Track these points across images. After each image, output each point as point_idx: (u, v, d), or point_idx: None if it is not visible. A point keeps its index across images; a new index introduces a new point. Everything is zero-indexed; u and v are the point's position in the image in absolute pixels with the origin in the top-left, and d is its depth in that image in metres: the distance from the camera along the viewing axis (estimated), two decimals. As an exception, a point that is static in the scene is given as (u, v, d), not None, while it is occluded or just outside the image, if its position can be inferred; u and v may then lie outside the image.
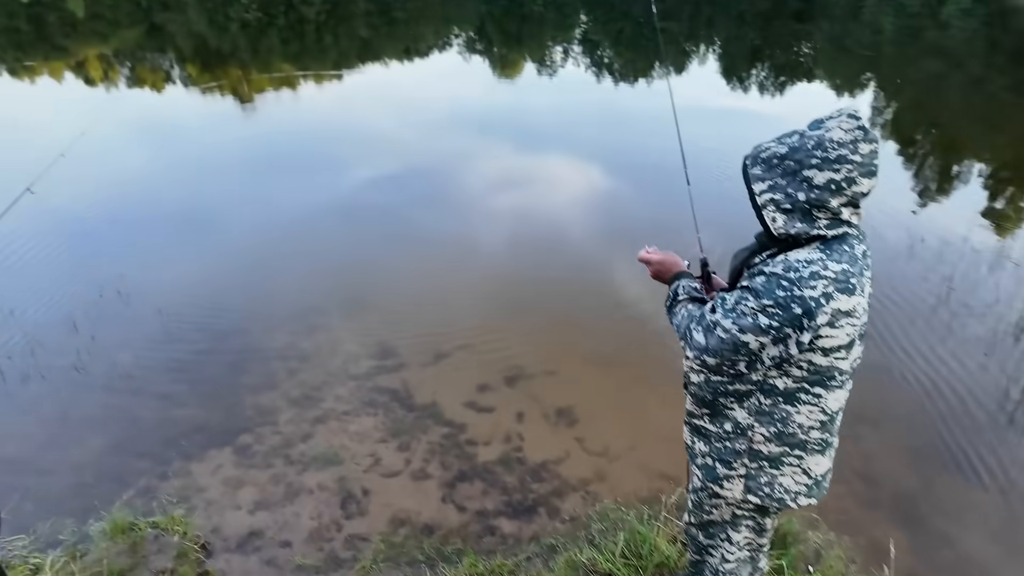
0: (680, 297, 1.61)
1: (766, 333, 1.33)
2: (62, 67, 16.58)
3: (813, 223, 1.34)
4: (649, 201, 6.68)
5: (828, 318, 1.31)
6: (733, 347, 1.38)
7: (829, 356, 1.38)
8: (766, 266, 1.37)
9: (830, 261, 1.32)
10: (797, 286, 1.30)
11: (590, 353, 4.11)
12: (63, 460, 3.16)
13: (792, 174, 1.33)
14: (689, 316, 1.51)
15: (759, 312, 1.33)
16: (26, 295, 4.61)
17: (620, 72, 15.30)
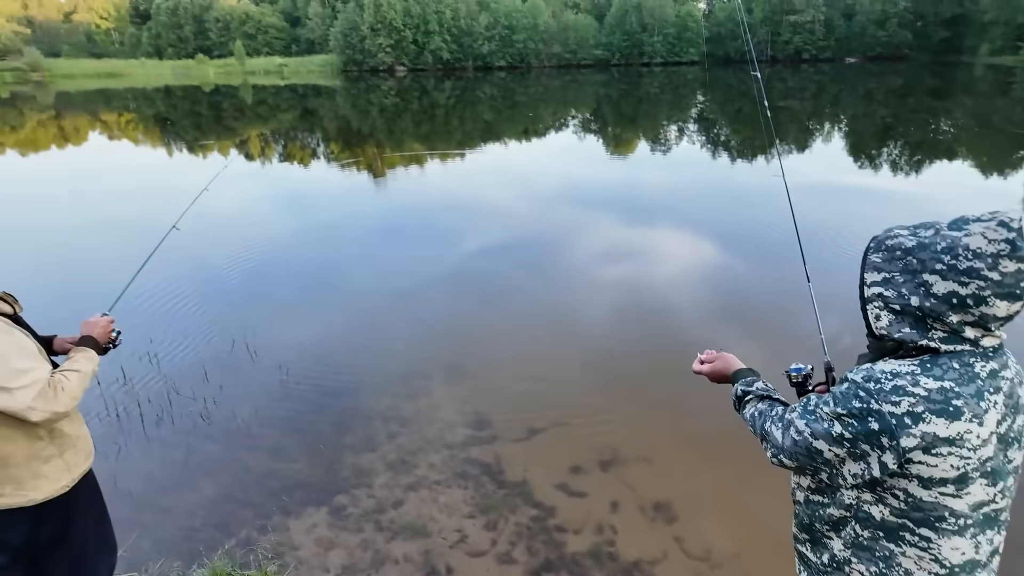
0: (748, 397, 1.54)
1: (839, 443, 1.20)
2: (229, 144, 19.12)
3: (924, 332, 1.16)
4: (761, 281, 6.34)
5: (918, 442, 1.11)
6: (807, 452, 1.26)
7: (931, 490, 1.15)
8: (851, 372, 1.23)
9: (925, 376, 1.13)
10: (875, 399, 1.14)
11: (693, 441, 3.84)
12: (179, 503, 3.39)
13: (912, 273, 1.16)
14: (762, 415, 1.43)
15: (834, 419, 1.20)
16: (171, 340, 5.18)
17: (737, 150, 15.03)
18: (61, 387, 1.81)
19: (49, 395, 1.77)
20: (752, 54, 3.72)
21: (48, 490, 1.94)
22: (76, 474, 2.02)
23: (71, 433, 2.01)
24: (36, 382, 1.75)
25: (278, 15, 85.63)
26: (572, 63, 76.26)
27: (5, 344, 1.74)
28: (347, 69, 69.35)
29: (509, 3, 73.86)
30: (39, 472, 1.91)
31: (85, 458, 2.08)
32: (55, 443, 1.94)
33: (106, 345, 2.19)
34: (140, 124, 26.57)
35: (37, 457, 1.90)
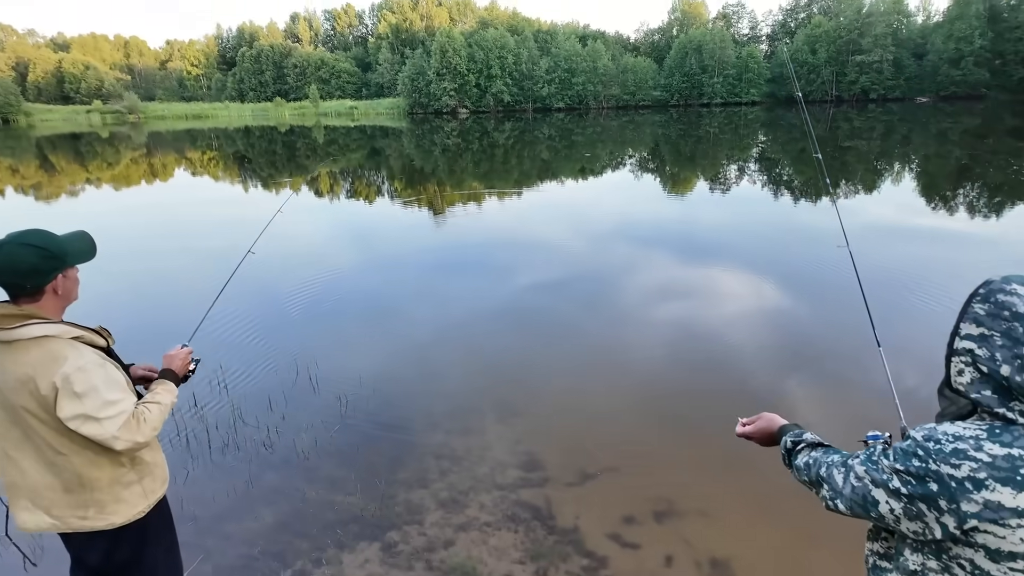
0: (800, 446, 1.53)
1: (897, 497, 1.16)
2: (301, 181, 20.14)
3: (1005, 402, 1.10)
4: (826, 327, 6.09)
5: (981, 509, 1.06)
6: (864, 499, 1.23)
7: (1000, 564, 1.08)
8: (914, 428, 1.19)
9: (991, 442, 1.07)
10: (934, 459, 1.10)
11: (754, 496, 3.68)
12: (240, 529, 3.50)
13: (1013, 341, 1.08)
14: (817, 461, 1.41)
15: (893, 473, 1.17)
16: (240, 368, 5.43)
17: (801, 190, 14.66)
18: (143, 418, 1.93)
19: (132, 426, 1.89)
20: (804, 112, 3.68)
21: (126, 515, 2.05)
22: (152, 500, 2.13)
23: (150, 460, 2.12)
24: (122, 413, 1.87)
25: (351, 61, 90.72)
26: (630, 104, 76.96)
27: (99, 377, 1.85)
28: (412, 111, 72.36)
29: (569, 47, 75.68)
30: (120, 497, 2.02)
31: (161, 484, 2.19)
32: (135, 470, 2.06)
33: (186, 374, 2.32)
34: (221, 161, 28.42)
35: (119, 482, 2.01)
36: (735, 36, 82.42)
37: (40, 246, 1.82)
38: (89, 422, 1.81)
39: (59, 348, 1.83)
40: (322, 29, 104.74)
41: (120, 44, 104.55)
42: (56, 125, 66.79)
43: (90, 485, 1.97)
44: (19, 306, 1.84)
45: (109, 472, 1.99)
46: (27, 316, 1.82)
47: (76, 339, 1.88)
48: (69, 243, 1.93)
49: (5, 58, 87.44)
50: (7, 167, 27.16)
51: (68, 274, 1.93)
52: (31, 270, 1.80)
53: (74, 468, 1.94)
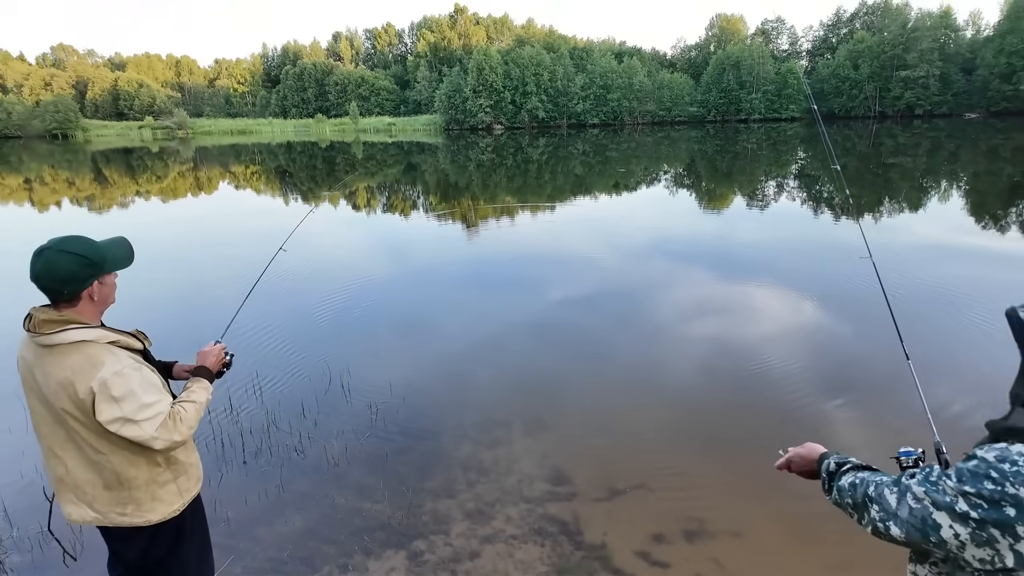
0: (845, 467, 1.45)
1: (964, 522, 1.07)
2: (339, 196, 20.59)
3: None
4: (866, 348, 5.89)
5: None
6: (923, 523, 1.14)
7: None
8: (981, 448, 1.12)
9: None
10: (1011, 482, 1.02)
11: (788, 518, 3.56)
12: (270, 533, 3.55)
13: None
14: (864, 481, 1.33)
15: (959, 495, 1.09)
16: (275, 375, 5.54)
17: (842, 208, 14.29)
18: (180, 418, 1.98)
19: (170, 425, 1.94)
20: (824, 134, 3.60)
21: (163, 512, 2.11)
22: (187, 498, 2.18)
23: (184, 460, 2.17)
24: (160, 414, 1.92)
25: (390, 79, 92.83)
26: (666, 120, 76.57)
27: (136, 380, 1.90)
28: (449, 127, 73.42)
29: (605, 64, 75.90)
30: (156, 495, 2.08)
31: (196, 483, 2.25)
32: (171, 469, 2.11)
33: (220, 370, 2.37)
34: (263, 175, 29.29)
35: (155, 481, 2.07)
36: (774, 52, 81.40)
37: (79, 253, 1.87)
38: (128, 424, 1.87)
39: (96, 352, 1.88)
40: (363, 48, 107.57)
41: (172, 63, 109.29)
42: (110, 140, 69.99)
43: (128, 483, 2.03)
44: (59, 311, 1.90)
45: (146, 471, 2.05)
46: (66, 321, 1.88)
47: (113, 343, 1.93)
48: (108, 250, 1.97)
49: (66, 77, 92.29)
50: (65, 180, 28.54)
51: (105, 280, 1.97)
52: (70, 277, 1.85)
53: (113, 467, 2.00)
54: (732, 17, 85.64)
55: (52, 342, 1.85)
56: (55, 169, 34.72)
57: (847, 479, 1.40)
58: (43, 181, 27.98)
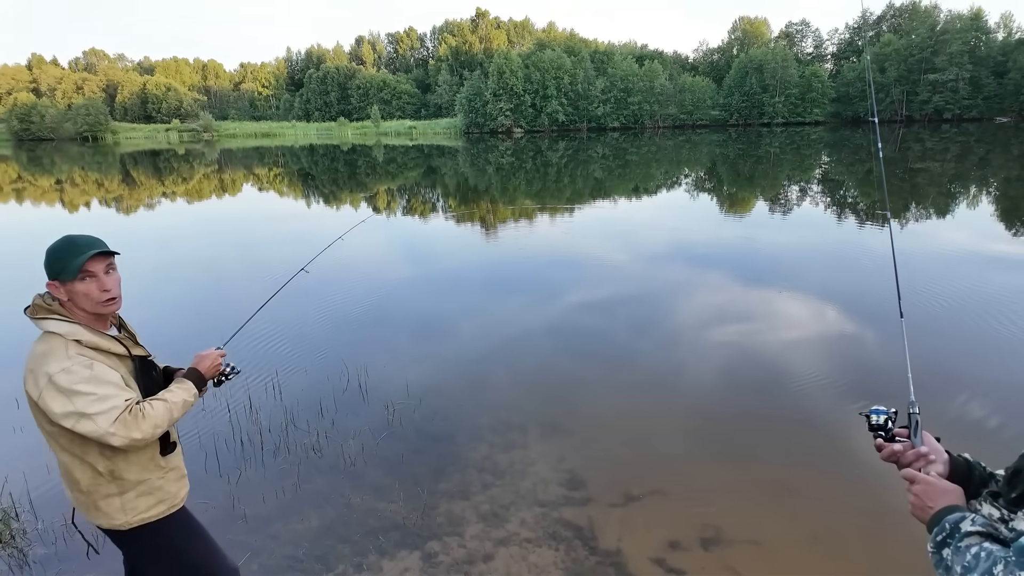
0: (969, 529, 1.19)
1: None
2: (360, 198, 20.78)
3: None
4: (889, 357, 5.77)
5: None
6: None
7: None
8: None
9: None
10: None
11: (810, 528, 3.50)
12: (286, 530, 3.59)
13: None
14: (991, 557, 1.08)
15: None
16: (295, 374, 5.60)
17: (866, 213, 14.05)
18: (143, 414, 1.87)
19: (128, 421, 1.83)
20: (873, 122, 3.53)
21: (107, 523, 2.03)
22: (133, 518, 2.04)
23: (133, 479, 2.02)
24: (115, 408, 1.82)
25: (411, 82, 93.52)
26: (687, 123, 76.01)
27: (82, 375, 1.82)
28: (469, 131, 73.67)
29: (626, 67, 75.63)
30: (98, 505, 2.01)
31: (152, 507, 2.08)
32: (115, 483, 2.00)
33: (218, 378, 2.28)
34: (286, 178, 29.68)
35: (97, 491, 1.99)
36: (798, 55, 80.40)
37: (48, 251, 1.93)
38: (83, 420, 1.80)
39: (55, 346, 1.85)
40: (385, 52, 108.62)
41: (199, 67, 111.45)
42: (138, 142, 71.53)
43: (75, 484, 1.99)
44: (52, 300, 1.93)
45: (89, 478, 1.97)
46: (51, 311, 1.90)
47: (77, 341, 1.87)
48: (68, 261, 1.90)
49: (97, 81, 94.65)
50: (94, 181, 29.22)
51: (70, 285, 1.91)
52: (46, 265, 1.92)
53: (65, 464, 1.98)
54: (755, 20, 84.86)
55: (38, 327, 1.90)
56: (85, 171, 35.57)
57: (962, 554, 1.16)
58: (74, 182, 28.69)
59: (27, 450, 4.31)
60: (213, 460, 4.27)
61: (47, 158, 47.82)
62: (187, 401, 2.03)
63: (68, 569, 3.29)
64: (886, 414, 1.52)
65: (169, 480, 2.13)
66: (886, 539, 3.37)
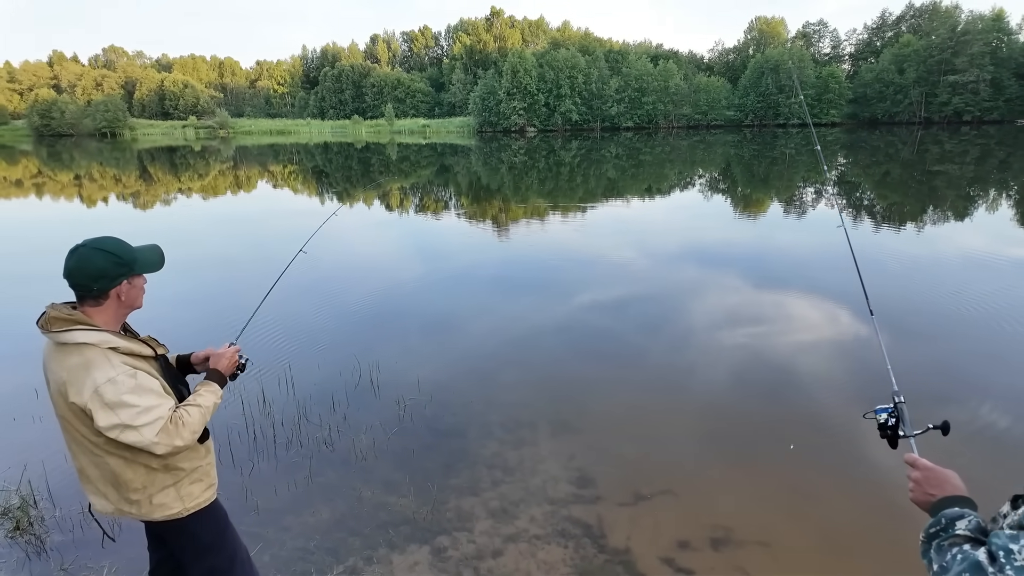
0: (958, 530, 1.18)
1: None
2: (373, 196, 20.88)
3: None
4: (906, 361, 5.71)
5: None
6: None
7: None
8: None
9: None
10: None
11: (821, 531, 3.47)
12: (297, 522, 3.62)
13: None
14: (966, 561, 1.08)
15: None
16: (307, 369, 5.64)
17: (883, 216, 13.90)
18: (182, 422, 1.93)
19: (171, 430, 1.89)
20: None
21: (162, 514, 2.09)
22: (190, 505, 2.13)
23: (187, 467, 2.11)
24: (159, 419, 1.87)
25: (425, 81, 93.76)
26: (702, 124, 75.53)
27: (128, 386, 1.86)
28: (482, 130, 73.70)
29: (641, 67, 75.29)
30: (154, 499, 2.06)
31: (203, 491, 2.18)
32: (171, 474, 2.06)
33: (233, 372, 2.31)
34: (300, 175, 29.89)
35: (152, 485, 2.04)
36: (815, 55, 79.59)
37: (112, 252, 1.91)
38: (128, 431, 1.85)
39: (93, 357, 1.87)
40: (400, 50, 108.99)
41: (215, 64, 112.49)
42: (156, 139, 72.36)
43: (125, 485, 2.02)
44: (71, 310, 1.92)
45: (143, 475, 2.02)
46: (75, 321, 1.89)
47: (114, 349, 1.90)
48: (140, 252, 2.01)
49: (116, 78, 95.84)
50: (112, 176, 29.61)
51: (134, 282, 2.00)
52: (100, 274, 1.89)
53: (110, 468, 2.00)
54: (772, 20, 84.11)
55: (59, 340, 1.88)
56: (103, 166, 36.06)
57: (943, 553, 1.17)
58: (92, 178, 29.09)
59: (45, 439, 4.39)
60: (227, 452, 4.32)
61: (66, 153, 48.53)
62: (216, 403, 2.11)
63: (84, 556, 3.35)
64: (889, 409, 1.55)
65: (212, 464, 2.25)
66: (897, 542, 3.33)
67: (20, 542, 3.49)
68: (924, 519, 1.35)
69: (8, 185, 26.05)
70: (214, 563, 2.26)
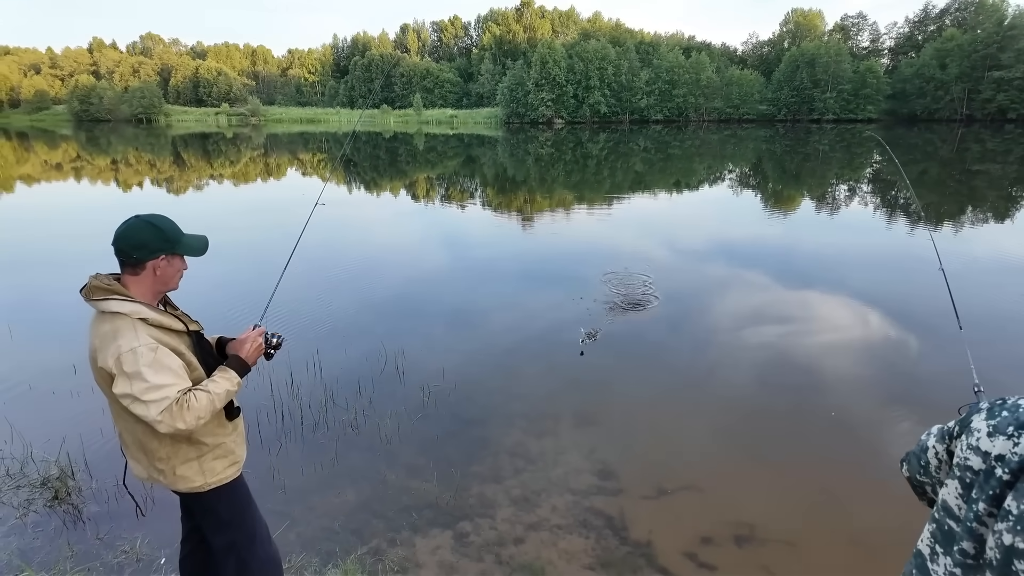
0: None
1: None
2: (400, 185, 21.01)
3: None
4: (934, 366, 5.57)
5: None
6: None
7: None
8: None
9: None
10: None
11: (848, 535, 3.41)
12: (324, 503, 3.69)
13: None
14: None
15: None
16: (335, 354, 5.73)
17: (920, 216, 13.51)
18: (188, 406, 1.91)
19: (175, 411, 1.89)
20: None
21: (185, 486, 2.13)
22: (211, 480, 2.16)
23: (211, 442, 2.14)
24: (167, 398, 1.88)
25: (454, 71, 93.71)
26: (733, 118, 74.20)
27: (147, 360, 1.88)
28: (509, 121, 73.46)
29: (672, 59, 74.15)
30: (177, 470, 2.10)
31: (226, 468, 2.20)
32: (195, 447, 2.10)
33: (266, 352, 2.27)
34: (329, 163, 30.20)
35: (176, 456, 2.08)
36: (853, 49, 77.43)
37: (158, 226, 1.99)
38: (136, 403, 1.89)
39: (121, 326, 1.92)
40: (429, 40, 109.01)
41: (248, 52, 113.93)
42: (189, 125, 73.73)
43: (152, 453, 2.07)
44: (111, 281, 1.98)
45: (167, 446, 2.06)
46: (112, 291, 1.95)
47: (143, 320, 1.94)
48: (184, 235, 2.07)
49: (153, 65, 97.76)
50: (147, 162, 30.28)
51: (172, 261, 2.04)
52: (140, 244, 1.96)
53: (138, 435, 2.06)
54: (809, 12, 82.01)
55: (97, 308, 1.95)
56: (139, 151, 36.89)
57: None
58: (128, 162, 29.80)
59: (83, 413, 4.54)
60: (255, 432, 4.41)
61: (104, 139, 49.75)
62: (229, 391, 2.05)
63: (118, 527, 3.46)
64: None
65: (237, 443, 2.25)
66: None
67: (59, 511, 3.62)
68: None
69: (49, 168, 26.83)
70: (234, 538, 2.29)
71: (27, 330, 6.54)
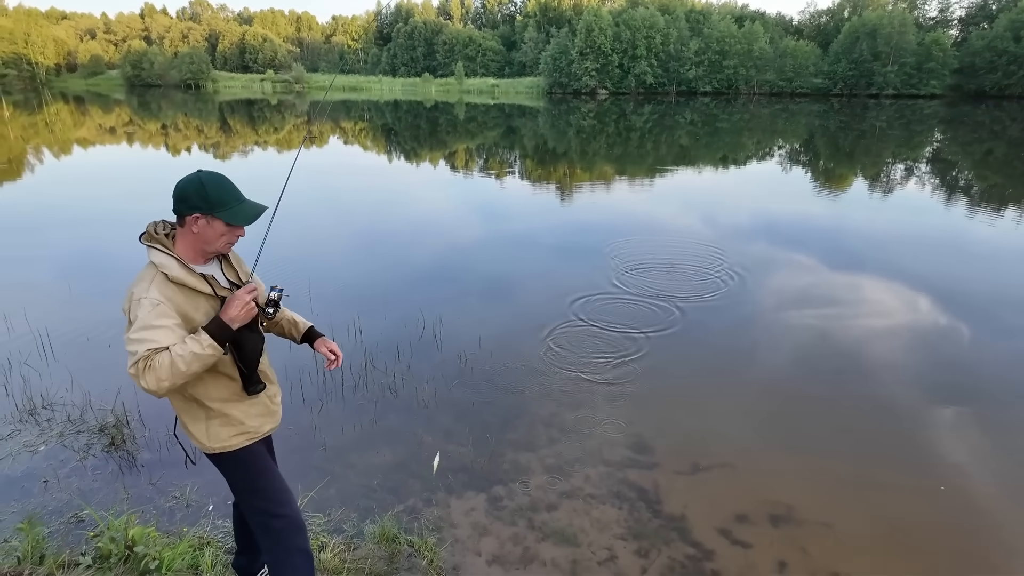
0: None
1: None
2: (439, 156, 21.01)
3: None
4: (983, 353, 5.32)
5: None
6: None
7: None
8: None
9: None
10: None
11: (888, 521, 3.33)
12: (362, 461, 3.79)
13: None
14: None
15: None
16: (376, 319, 5.83)
17: (982, 198, 12.83)
18: (150, 365, 1.81)
19: (140, 368, 1.80)
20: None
21: (199, 444, 2.12)
22: (216, 445, 2.10)
23: (216, 408, 2.08)
24: (136, 353, 1.81)
25: (497, 39, 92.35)
26: (786, 91, 71.23)
27: (145, 310, 1.86)
28: (552, 91, 72.21)
29: (724, 28, 71.34)
30: (189, 427, 2.11)
31: (230, 437, 2.13)
32: (202, 408, 2.08)
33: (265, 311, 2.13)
34: (370, 132, 30.37)
35: (187, 413, 2.10)
36: (919, 20, 72.98)
37: (204, 184, 1.95)
38: (127, 349, 1.88)
39: (145, 274, 1.94)
40: (473, 6, 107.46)
41: (293, 19, 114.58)
42: (235, 91, 74.93)
43: (174, 402, 2.10)
44: (163, 228, 2.02)
45: (180, 400, 2.06)
46: (156, 241, 1.98)
47: (165, 275, 1.92)
48: (232, 200, 1.98)
49: (201, 30, 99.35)
50: (195, 127, 31.00)
51: (212, 223, 1.96)
52: (182, 197, 1.95)
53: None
54: (873, -21, 77.44)
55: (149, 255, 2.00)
56: (188, 117, 37.77)
57: None
58: (177, 127, 30.56)
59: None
60: (298, 391, 4.55)
61: (155, 103, 51.06)
62: (196, 353, 1.84)
63: (169, 475, 3.63)
64: None
65: (251, 415, 2.16)
66: (972, 539, 3.17)
67: (115, 456, 3.82)
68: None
69: (103, 132, 27.74)
70: (249, 501, 2.29)
71: (85, 284, 6.85)
